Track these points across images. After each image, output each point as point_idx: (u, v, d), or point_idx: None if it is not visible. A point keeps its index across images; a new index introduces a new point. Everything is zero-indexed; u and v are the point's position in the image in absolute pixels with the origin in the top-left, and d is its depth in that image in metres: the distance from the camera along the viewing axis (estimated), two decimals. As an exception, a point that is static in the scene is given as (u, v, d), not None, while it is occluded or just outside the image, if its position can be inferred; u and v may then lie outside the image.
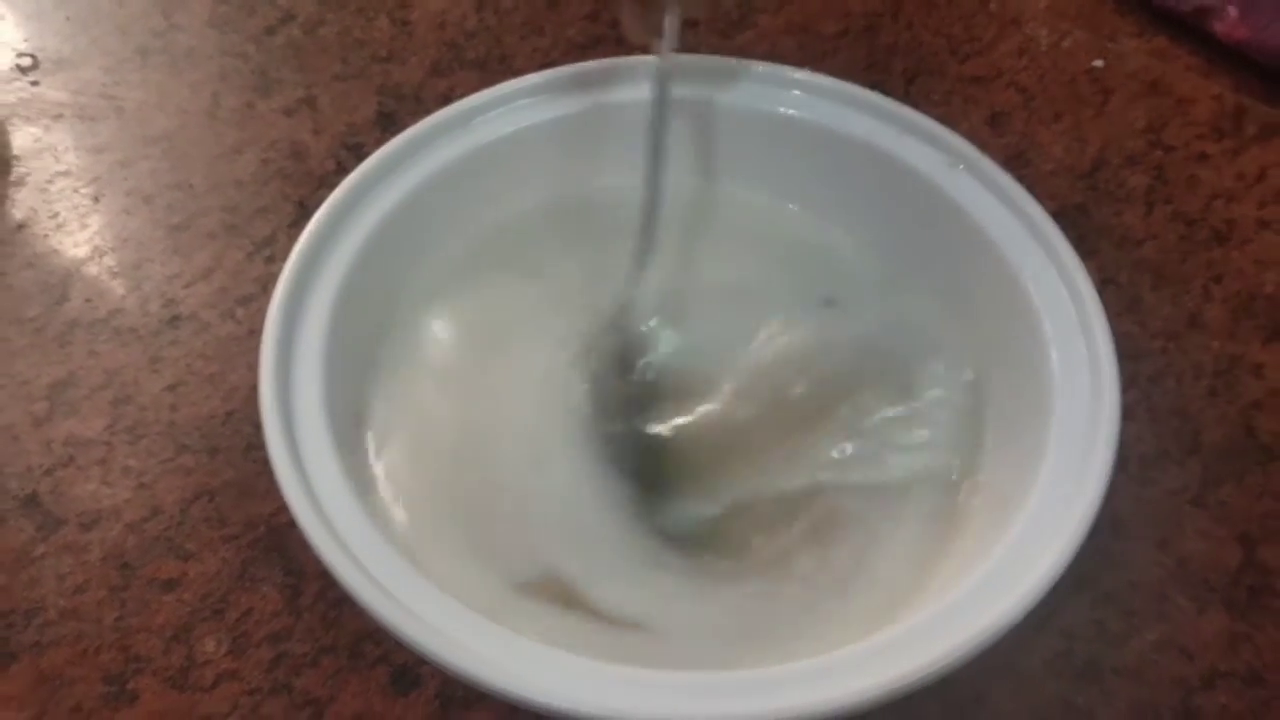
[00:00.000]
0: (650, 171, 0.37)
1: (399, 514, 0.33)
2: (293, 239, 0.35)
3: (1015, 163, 0.47)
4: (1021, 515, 0.30)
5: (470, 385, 0.37)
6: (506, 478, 0.35)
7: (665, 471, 0.36)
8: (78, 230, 0.46)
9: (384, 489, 0.34)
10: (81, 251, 0.45)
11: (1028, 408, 0.34)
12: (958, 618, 0.28)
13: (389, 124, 0.49)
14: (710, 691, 0.27)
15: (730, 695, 0.27)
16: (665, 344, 0.39)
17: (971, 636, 0.28)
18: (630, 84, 0.40)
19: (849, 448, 0.36)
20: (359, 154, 0.48)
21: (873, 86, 0.40)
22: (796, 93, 0.40)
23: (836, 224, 0.41)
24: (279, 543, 0.37)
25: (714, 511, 0.35)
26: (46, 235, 0.46)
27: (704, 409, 0.37)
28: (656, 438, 0.36)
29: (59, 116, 0.50)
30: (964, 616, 0.28)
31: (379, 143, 0.38)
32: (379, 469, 0.34)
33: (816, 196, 0.41)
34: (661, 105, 0.37)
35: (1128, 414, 0.32)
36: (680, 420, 0.37)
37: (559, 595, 0.32)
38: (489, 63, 0.52)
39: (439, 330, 0.38)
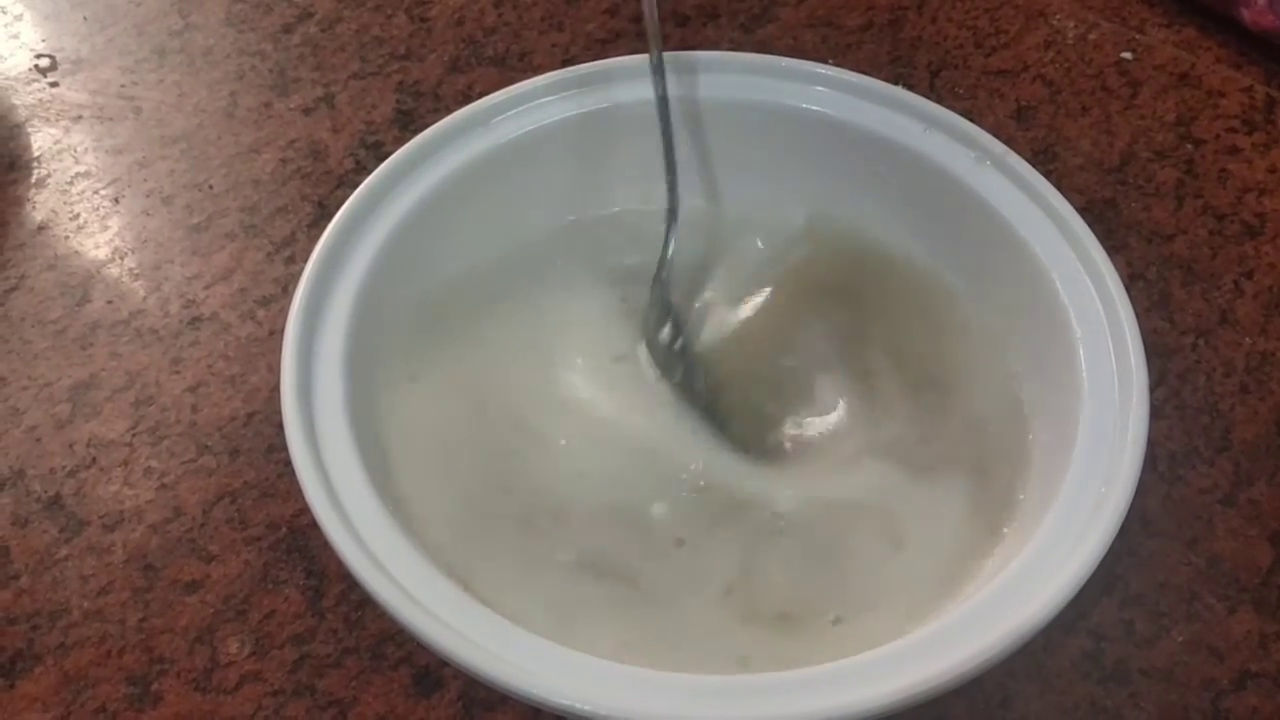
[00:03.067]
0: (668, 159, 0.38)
1: (423, 516, 0.33)
2: (312, 239, 0.35)
3: (1042, 157, 0.47)
4: (1050, 515, 0.30)
5: (492, 386, 0.37)
6: (540, 475, 0.35)
7: None
8: (98, 231, 0.46)
9: (407, 490, 0.34)
10: (102, 253, 0.45)
11: (1056, 405, 0.33)
12: (985, 619, 0.28)
13: (408, 122, 0.49)
14: (733, 694, 0.27)
15: (754, 698, 0.27)
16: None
17: (999, 639, 0.27)
18: (650, 81, 0.40)
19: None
20: (378, 152, 0.48)
21: (896, 81, 0.40)
22: (819, 88, 0.40)
23: (862, 221, 0.40)
24: (301, 544, 0.37)
25: None
26: (67, 237, 0.46)
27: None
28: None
29: (78, 118, 0.50)
30: (992, 618, 0.28)
31: (398, 141, 0.38)
32: (401, 470, 0.34)
33: (840, 194, 0.40)
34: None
35: (1157, 412, 0.32)
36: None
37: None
38: (508, 59, 0.51)
39: (461, 332, 0.38)
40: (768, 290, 0.40)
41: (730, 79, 0.40)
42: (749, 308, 0.39)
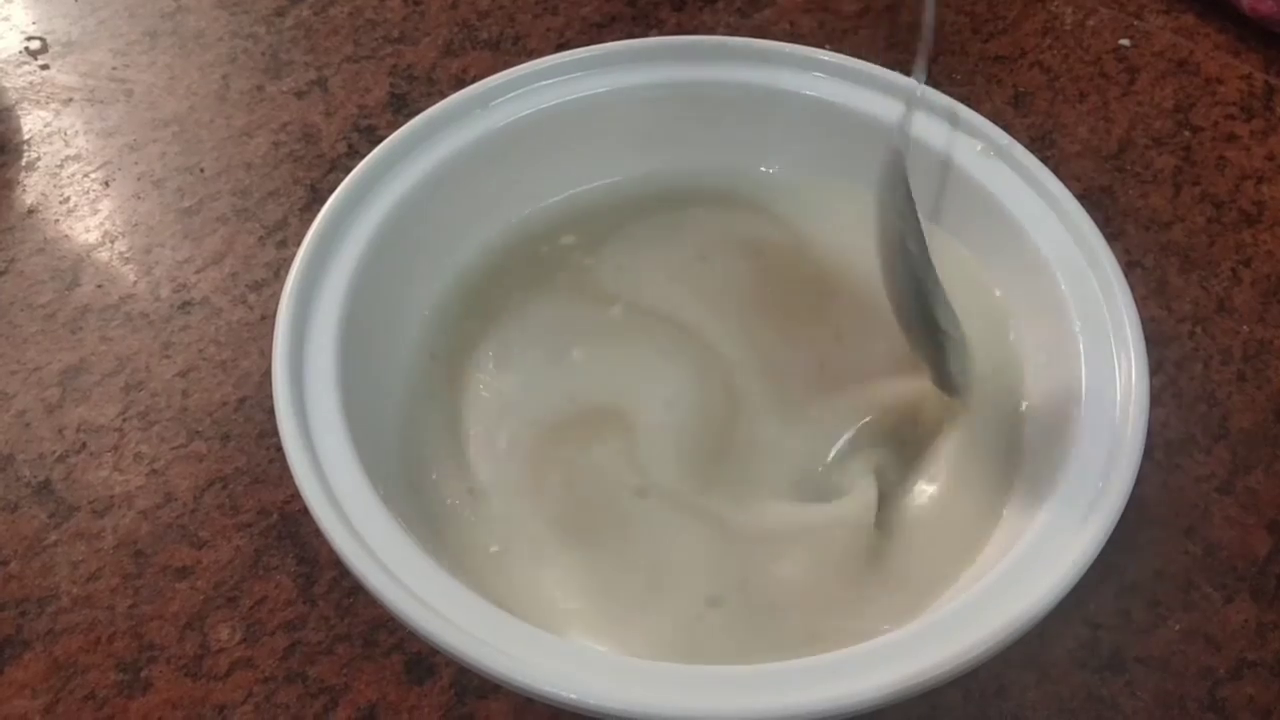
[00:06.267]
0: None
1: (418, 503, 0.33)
2: (305, 223, 0.35)
3: (1040, 144, 0.46)
4: (1048, 505, 0.30)
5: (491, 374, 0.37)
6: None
7: None
8: (88, 215, 0.45)
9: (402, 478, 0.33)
10: (92, 237, 0.45)
11: (1054, 394, 0.33)
12: (983, 611, 0.28)
13: (401, 106, 0.49)
14: (729, 686, 0.27)
15: (750, 690, 0.26)
16: None
17: (998, 630, 0.27)
18: (647, 65, 0.39)
19: None
20: (371, 137, 0.47)
21: (894, 66, 0.39)
22: (816, 73, 0.39)
23: (855, 207, 0.40)
24: (292, 530, 0.37)
25: None
26: (57, 220, 0.45)
27: None
28: None
29: (69, 100, 0.49)
30: (989, 609, 0.28)
31: (391, 125, 0.37)
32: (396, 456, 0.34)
33: (835, 179, 0.40)
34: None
35: (1154, 400, 0.31)
36: None
37: None
38: (502, 43, 0.51)
39: (459, 317, 0.38)
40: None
41: (723, 63, 0.39)
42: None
